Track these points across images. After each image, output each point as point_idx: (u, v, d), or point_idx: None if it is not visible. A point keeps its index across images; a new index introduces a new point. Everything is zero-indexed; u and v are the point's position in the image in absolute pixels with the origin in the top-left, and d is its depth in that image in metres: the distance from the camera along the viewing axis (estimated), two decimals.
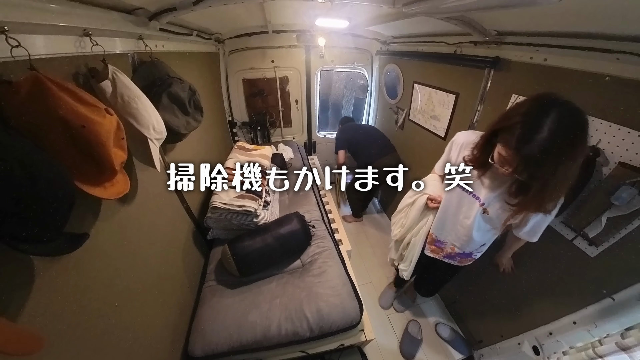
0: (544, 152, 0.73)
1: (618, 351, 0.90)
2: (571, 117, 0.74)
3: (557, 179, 0.77)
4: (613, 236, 0.96)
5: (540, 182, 0.80)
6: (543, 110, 0.75)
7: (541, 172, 0.77)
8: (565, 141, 0.72)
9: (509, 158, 0.82)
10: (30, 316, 0.59)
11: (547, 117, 0.73)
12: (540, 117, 0.74)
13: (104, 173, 0.75)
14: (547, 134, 0.72)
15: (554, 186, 0.80)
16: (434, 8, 1.08)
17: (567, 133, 0.72)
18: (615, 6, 0.78)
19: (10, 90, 0.57)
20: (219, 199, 1.60)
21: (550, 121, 0.73)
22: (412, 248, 1.44)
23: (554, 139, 0.72)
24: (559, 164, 0.74)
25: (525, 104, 0.81)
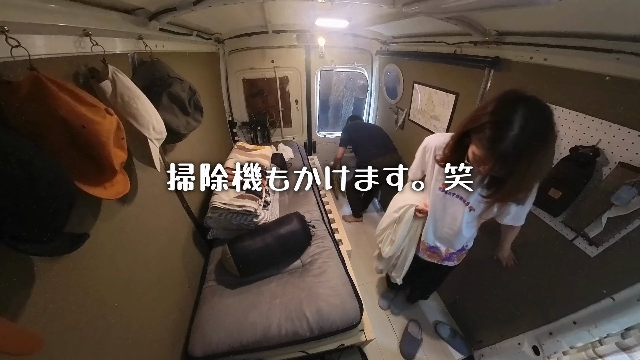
0: (517, 149, 0.76)
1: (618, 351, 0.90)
2: (538, 112, 0.77)
3: (531, 171, 0.81)
4: (613, 236, 0.96)
5: (515, 176, 0.83)
6: (510, 107, 0.77)
7: (517, 167, 0.80)
8: (535, 135, 0.76)
9: (484, 157, 0.84)
10: (30, 316, 0.59)
11: (515, 113, 0.76)
12: (509, 115, 0.76)
13: (104, 173, 0.75)
14: (518, 131, 0.75)
15: (529, 178, 0.85)
16: (434, 8, 1.08)
17: (537, 127, 0.76)
18: (615, 6, 0.78)
19: (10, 90, 0.57)
20: (219, 199, 1.61)
21: (518, 118, 0.75)
22: (404, 259, 1.45)
23: (525, 135, 0.75)
24: (533, 157, 0.78)
25: (492, 103, 0.83)
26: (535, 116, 0.76)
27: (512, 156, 0.78)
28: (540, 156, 0.79)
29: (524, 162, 0.78)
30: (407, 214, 1.32)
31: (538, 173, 0.85)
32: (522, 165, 0.79)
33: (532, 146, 0.76)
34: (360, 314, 1.30)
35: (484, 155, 0.84)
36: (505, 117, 0.77)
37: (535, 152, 0.77)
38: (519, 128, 0.75)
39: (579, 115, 1.06)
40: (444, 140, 1.07)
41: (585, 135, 1.04)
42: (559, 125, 1.14)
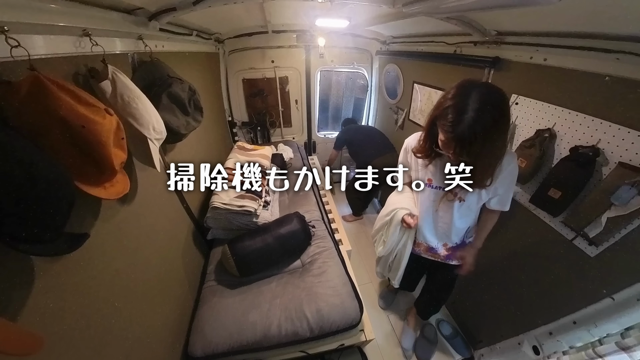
0: (472, 130, 0.82)
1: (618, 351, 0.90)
2: (490, 95, 0.84)
3: (486, 153, 0.89)
4: (613, 236, 0.96)
5: (473, 158, 0.91)
6: (465, 93, 0.84)
7: (473, 149, 0.86)
8: (488, 117, 0.82)
9: (447, 141, 0.90)
10: (30, 316, 0.59)
11: (469, 98, 0.83)
12: (465, 99, 0.83)
13: (104, 173, 0.75)
14: (472, 113, 0.82)
15: (485, 160, 0.92)
16: (434, 8, 1.08)
17: (489, 110, 0.82)
18: (615, 6, 0.78)
19: (10, 91, 0.57)
20: (219, 199, 1.60)
21: (472, 101, 0.82)
22: (398, 262, 1.44)
23: (478, 117, 0.81)
24: (486, 139, 0.84)
25: (451, 91, 0.89)
26: (488, 100, 0.83)
27: (469, 138, 0.83)
28: (492, 138, 0.85)
29: (479, 144, 0.84)
30: (395, 218, 1.32)
31: (492, 156, 0.92)
32: (477, 147, 0.85)
33: (485, 129, 0.82)
34: (360, 314, 1.30)
35: (447, 139, 0.90)
36: (462, 102, 0.84)
37: (488, 133, 0.83)
38: (472, 111, 0.82)
39: (578, 115, 1.06)
40: (420, 137, 1.13)
41: (585, 135, 1.04)
42: (559, 126, 1.14)
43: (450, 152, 0.94)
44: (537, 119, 1.24)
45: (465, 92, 0.85)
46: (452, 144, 0.89)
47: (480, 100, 0.82)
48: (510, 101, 1.37)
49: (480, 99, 0.82)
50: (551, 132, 1.16)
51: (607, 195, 0.92)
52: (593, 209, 0.99)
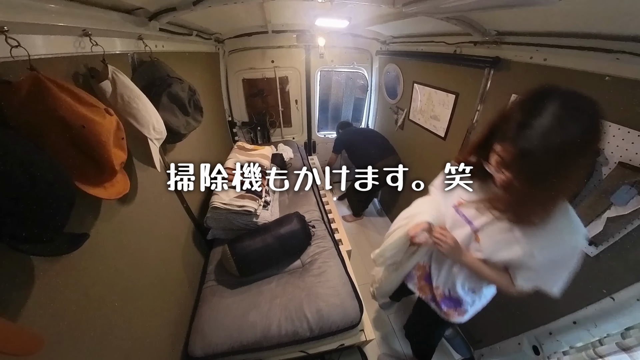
0: (547, 143, 0.60)
1: (618, 351, 0.90)
2: (579, 101, 0.62)
3: (556, 180, 0.63)
4: (613, 236, 0.96)
5: (536, 182, 0.65)
6: (544, 95, 0.63)
7: (539, 169, 0.63)
8: (572, 127, 0.58)
9: (504, 154, 0.68)
10: (30, 316, 0.59)
11: (548, 101, 0.61)
12: (541, 102, 0.62)
13: (104, 173, 0.75)
14: (550, 118, 0.59)
15: (552, 189, 0.65)
16: (434, 8, 1.08)
17: (575, 117, 0.59)
18: (615, 6, 0.78)
19: (10, 91, 0.57)
20: (219, 199, 1.60)
21: (552, 105, 0.60)
22: (387, 282, 1.27)
23: (559, 124, 0.59)
24: (563, 156, 0.60)
25: (524, 94, 0.70)
26: (575, 106, 0.61)
27: (539, 152, 0.61)
28: (574, 158, 0.61)
29: (551, 162, 0.61)
30: (398, 231, 1.06)
31: (565, 186, 0.66)
32: (546, 166, 0.62)
33: (565, 141, 0.59)
34: (360, 314, 1.30)
35: (505, 151, 0.67)
36: (537, 104, 0.63)
37: (568, 150, 0.59)
38: (551, 115, 0.60)
39: None
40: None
41: None
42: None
43: (503, 175, 0.71)
44: None
45: (545, 94, 0.63)
46: (511, 156, 0.66)
47: (564, 104, 0.60)
48: (511, 101, 1.37)
49: (565, 103, 0.61)
50: None
51: (607, 195, 0.93)
52: (593, 209, 0.99)
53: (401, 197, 2.82)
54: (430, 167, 2.26)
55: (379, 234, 2.92)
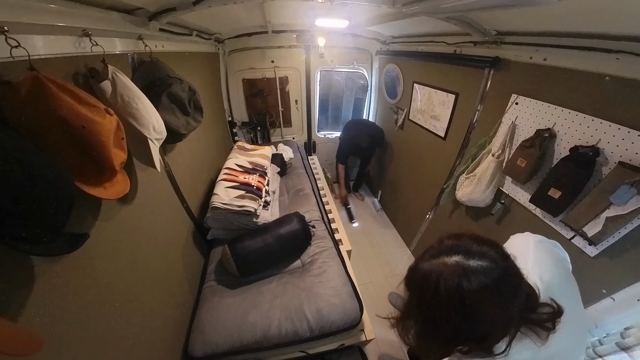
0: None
1: (618, 351, 0.90)
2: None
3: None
4: (612, 236, 0.96)
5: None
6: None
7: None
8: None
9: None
10: (30, 316, 0.59)
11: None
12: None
13: (104, 173, 0.75)
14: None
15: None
16: (434, 8, 1.08)
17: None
18: (615, 6, 0.78)
19: (10, 91, 0.57)
20: (219, 199, 1.60)
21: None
22: None
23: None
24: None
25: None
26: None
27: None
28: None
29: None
30: None
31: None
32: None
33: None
34: (360, 314, 1.30)
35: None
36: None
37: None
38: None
39: (578, 115, 1.06)
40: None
41: (585, 135, 1.04)
42: (559, 126, 1.14)
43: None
44: (537, 118, 1.24)
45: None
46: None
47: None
48: (510, 101, 1.37)
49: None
50: (551, 132, 1.16)
51: (607, 195, 0.93)
52: (592, 208, 0.99)
53: (401, 197, 2.83)
54: (430, 167, 2.26)
55: (379, 234, 2.92)
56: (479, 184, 1.48)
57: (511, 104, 1.37)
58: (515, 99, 1.35)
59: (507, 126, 1.38)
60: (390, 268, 2.49)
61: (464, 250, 0.58)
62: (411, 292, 0.65)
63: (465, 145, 1.78)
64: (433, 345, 0.65)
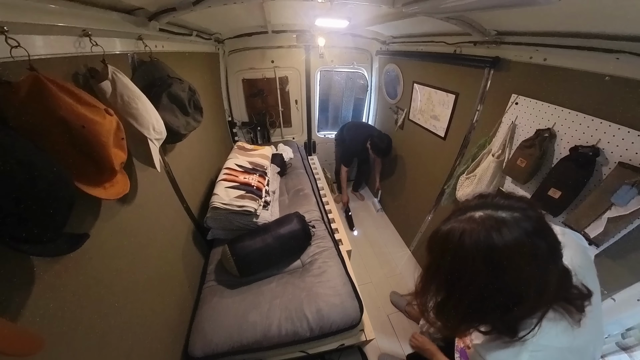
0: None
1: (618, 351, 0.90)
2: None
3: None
4: (613, 236, 0.96)
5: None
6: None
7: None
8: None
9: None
10: (30, 316, 0.59)
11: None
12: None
13: (104, 173, 0.75)
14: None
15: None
16: (434, 8, 1.08)
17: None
18: (615, 6, 0.78)
19: (10, 91, 0.57)
20: (219, 199, 1.60)
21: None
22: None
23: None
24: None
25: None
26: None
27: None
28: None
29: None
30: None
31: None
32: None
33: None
34: (360, 314, 1.30)
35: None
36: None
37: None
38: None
39: (578, 115, 1.06)
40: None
41: (585, 135, 1.04)
42: (559, 126, 1.14)
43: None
44: (537, 118, 1.24)
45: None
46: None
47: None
48: (510, 101, 1.37)
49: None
50: (551, 131, 1.16)
51: (608, 196, 0.92)
52: (593, 209, 0.99)
53: (401, 197, 2.83)
54: (430, 167, 2.26)
55: (379, 233, 2.92)
56: (479, 184, 1.48)
57: (511, 104, 1.37)
58: (515, 99, 1.35)
59: (507, 126, 1.38)
60: (390, 268, 2.49)
61: (491, 205, 0.53)
62: (432, 255, 0.58)
63: (465, 145, 1.78)
64: (455, 315, 0.57)
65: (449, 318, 0.59)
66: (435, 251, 0.57)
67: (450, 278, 0.53)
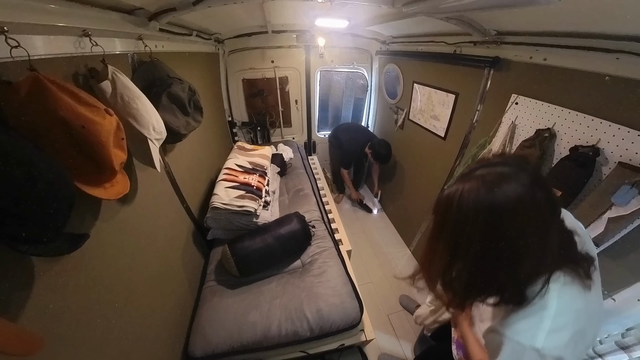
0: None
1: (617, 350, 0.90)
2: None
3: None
4: (613, 236, 0.96)
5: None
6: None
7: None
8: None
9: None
10: (31, 316, 0.59)
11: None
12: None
13: (104, 173, 0.75)
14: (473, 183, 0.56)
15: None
16: (434, 8, 1.08)
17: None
18: (615, 6, 0.78)
19: (10, 91, 0.57)
20: (219, 199, 1.60)
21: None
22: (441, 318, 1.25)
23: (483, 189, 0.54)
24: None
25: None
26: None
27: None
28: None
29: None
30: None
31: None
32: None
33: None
34: (361, 314, 1.30)
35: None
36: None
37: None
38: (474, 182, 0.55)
39: (578, 114, 1.06)
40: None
41: (584, 134, 1.04)
42: (559, 125, 1.14)
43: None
44: (537, 118, 1.24)
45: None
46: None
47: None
48: (510, 101, 1.37)
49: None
50: (551, 131, 1.16)
51: (608, 196, 0.92)
52: (593, 209, 0.99)
53: (400, 197, 2.83)
54: (430, 167, 2.26)
55: (379, 234, 2.92)
56: None
57: (511, 103, 1.37)
58: (515, 98, 1.35)
59: (507, 126, 1.38)
60: (390, 268, 2.49)
61: (488, 164, 0.55)
62: (436, 218, 0.59)
63: (465, 145, 1.78)
64: (461, 281, 0.58)
65: (455, 285, 0.59)
66: (439, 213, 0.58)
67: (454, 238, 0.54)
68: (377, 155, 2.69)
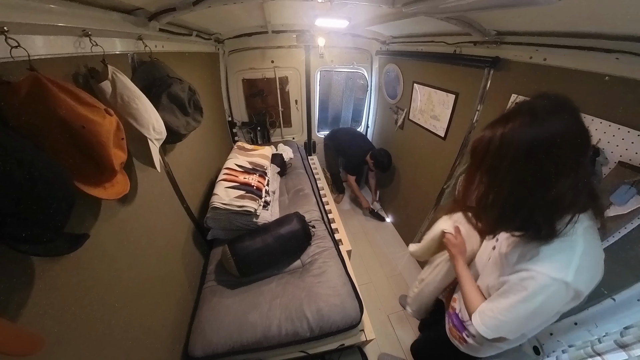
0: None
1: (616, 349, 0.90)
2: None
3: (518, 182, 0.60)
4: (612, 236, 0.96)
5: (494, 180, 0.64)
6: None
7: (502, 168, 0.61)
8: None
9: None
10: (31, 316, 0.59)
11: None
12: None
13: (104, 173, 0.75)
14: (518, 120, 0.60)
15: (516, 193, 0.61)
16: (434, 8, 1.08)
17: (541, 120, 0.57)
18: (615, 6, 0.78)
19: (10, 91, 0.57)
20: (219, 199, 1.60)
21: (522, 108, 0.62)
22: (422, 295, 1.27)
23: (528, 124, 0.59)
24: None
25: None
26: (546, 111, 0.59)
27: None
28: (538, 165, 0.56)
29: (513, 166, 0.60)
30: (436, 228, 1.12)
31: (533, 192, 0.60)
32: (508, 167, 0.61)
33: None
34: (361, 314, 1.30)
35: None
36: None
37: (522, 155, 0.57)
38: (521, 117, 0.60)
39: None
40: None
41: None
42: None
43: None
44: None
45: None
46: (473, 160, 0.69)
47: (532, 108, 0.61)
48: (510, 101, 1.37)
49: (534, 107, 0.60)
50: None
51: (607, 195, 0.92)
52: None
53: (401, 197, 2.83)
54: (430, 167, 2.26)
55: (379, 233, 2.92)
56: None
57: (511, 103, 1.37)
58: (515, 98, 1.35)
59: None
60: (390, 268, 2.49)
61: (527, 102, 0.61)
62: (475, 154, 0.64)
63: (466, 145, 1.78)
64: (494, 206, 0.63)
65: (489, 210, 0.65)
66: (478, 150, 0.63)
67: (492, 167, 0.60)
68: (380, 164, 2.75)
